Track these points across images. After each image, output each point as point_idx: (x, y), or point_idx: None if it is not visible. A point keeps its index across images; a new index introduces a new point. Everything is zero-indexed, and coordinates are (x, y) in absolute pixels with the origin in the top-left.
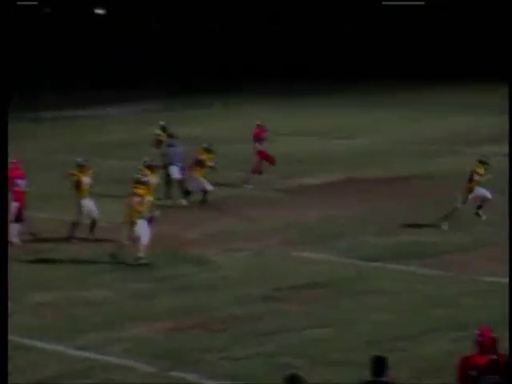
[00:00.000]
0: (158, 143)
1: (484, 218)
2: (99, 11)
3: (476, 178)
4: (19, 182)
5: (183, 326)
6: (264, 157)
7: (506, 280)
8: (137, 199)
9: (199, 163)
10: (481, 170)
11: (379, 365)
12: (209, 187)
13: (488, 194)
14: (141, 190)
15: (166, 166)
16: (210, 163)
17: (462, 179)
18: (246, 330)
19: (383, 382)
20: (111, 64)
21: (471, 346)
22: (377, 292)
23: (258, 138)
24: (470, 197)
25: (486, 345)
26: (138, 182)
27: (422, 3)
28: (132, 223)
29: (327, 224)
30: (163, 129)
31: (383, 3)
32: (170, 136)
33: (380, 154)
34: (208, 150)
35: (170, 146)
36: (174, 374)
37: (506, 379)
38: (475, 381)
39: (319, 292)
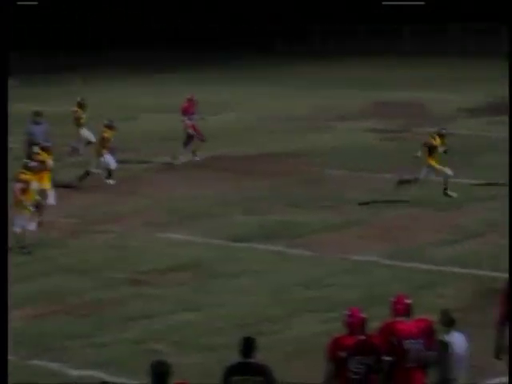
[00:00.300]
0: (78, 121)
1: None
2: None
3: (439, 149)
4: None
5: (44, 312)
6: (196, 131)
7: (373, 258)
8: (19, 185)
9: (102, 141)
10: (436, 142)
11: (248, 346)
12: (96, 170)
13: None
14: (26, 176)
15: (29, 145)
16: (111, 140)
17: (331, 155)
18: (109, 315)
19: (252, 363)
20: None
21: (340, 327)
22: (244, 273)
23: (186, 113)
24: (438, 167)
25: (355, 325)
26: (25, 168)
27: (422, 3)
28: (17, 211)
29: (193, 203)
30: (80, 105)
31: (383, 3)
32: (37, 114)
33: (247, 130)
34: (110, 127)
35: (35, 123)
36: (34, 362)
37: (374, 359)
38: (344, 362)
39: (185, 274)
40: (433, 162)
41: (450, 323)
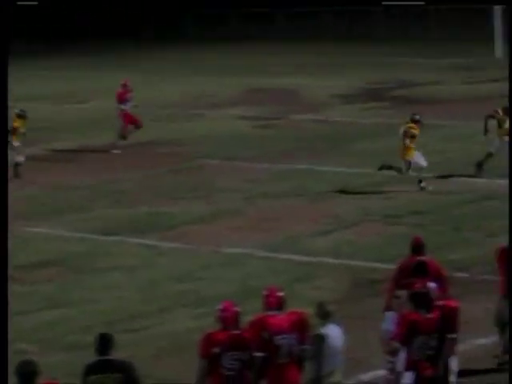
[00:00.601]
0: None
1: (423, 185)
2: None
3: (411, 138)
4: None
5: None
6: (129, 120)
7: (248, 250)
8: None
9: (13, 131)
10: (416, 131)
11: (104, 343)
12: (21, 159)
13: (423, 162)
14: None
15: None
16: (23, 130)
17: (204, 144)
18: None
19: (111, 360)
20: None
21: (214, 322)
22: (114, 268)
23: (121, 99)
24: (413, 160)
25: (228, 320)
26: None
27: (422, 3)
28: None
29: (59, 196)
30: None
31: (383, 3)
32: None
33: (114, 119)
34: (21, 116)
35: None
36: None
37: (248, 355)
38: (218, 358)
39: (52, 270)
40: (410, 155)
41: (325, 316)
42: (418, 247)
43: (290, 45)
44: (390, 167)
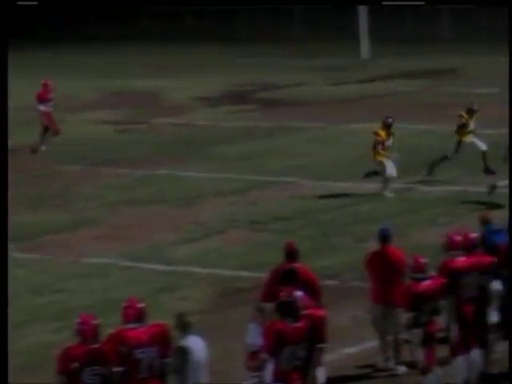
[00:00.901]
0: None
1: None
2: None
3: (386, 143)
4: None
5: None
6: (48, 122)
7: (110, 260)
8: None
9: None
10: (379, 137)
11: None
12: None
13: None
14: None
15: None
16: None
17: (62, 150)
18: None
19: None
20: None
21: (73, 336)
22: None
23: (41, 99)
24: (386, 164)
25: (87, 333)
26: None
27: (422, 3)
28: None
29: None
30: None
31: (383, 3)
32: None
33: None
34: None
35: None
36: None
37: (108, 370)
38: (77, 373)
39: None
40: (380, 158)
41: (185, 327)
42: (291, 253)
43: (150, 46)
44: (375, 173)
